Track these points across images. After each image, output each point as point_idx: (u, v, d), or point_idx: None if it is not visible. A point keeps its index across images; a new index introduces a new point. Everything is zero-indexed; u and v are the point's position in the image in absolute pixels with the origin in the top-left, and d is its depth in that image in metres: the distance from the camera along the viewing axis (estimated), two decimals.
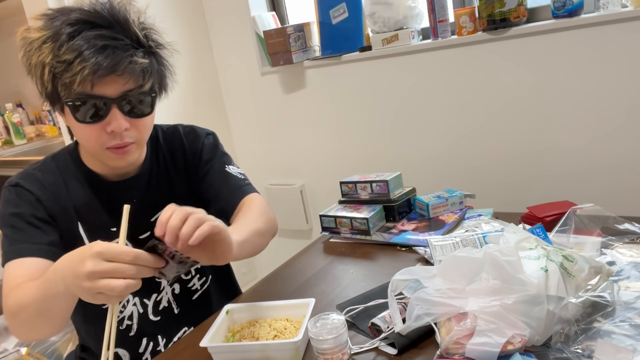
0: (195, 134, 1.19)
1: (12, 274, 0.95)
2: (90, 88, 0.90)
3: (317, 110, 2.32)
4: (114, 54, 0.90)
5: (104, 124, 0.94)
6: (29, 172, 1.06)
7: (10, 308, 0.91)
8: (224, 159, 1.20)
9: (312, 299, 0.97)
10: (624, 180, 1.70)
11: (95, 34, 0.90)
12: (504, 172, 1.91)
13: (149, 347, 1.14)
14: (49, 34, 0.90)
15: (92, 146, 0.99)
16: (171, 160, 1.16)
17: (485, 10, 1.74)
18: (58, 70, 0.89)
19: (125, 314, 1.11)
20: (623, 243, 1.04)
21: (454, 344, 0.77)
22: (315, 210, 2.45)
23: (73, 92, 0.90)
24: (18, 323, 0.91)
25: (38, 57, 0.91)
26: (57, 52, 0.89)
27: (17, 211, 1.01)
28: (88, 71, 0.88)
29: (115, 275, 0.73)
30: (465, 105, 1.92)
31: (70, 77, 0.88)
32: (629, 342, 0.76)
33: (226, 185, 1.15)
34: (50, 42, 0.90)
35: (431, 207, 1.37)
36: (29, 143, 3.26)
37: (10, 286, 0.93)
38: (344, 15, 2.12)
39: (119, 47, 0.91)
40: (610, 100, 1.66)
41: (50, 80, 0.91)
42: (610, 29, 1.59)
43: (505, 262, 0.80)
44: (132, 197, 1.10)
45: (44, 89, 0.94)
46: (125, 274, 0.74)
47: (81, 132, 0.97)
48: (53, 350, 1.94)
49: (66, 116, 0.98)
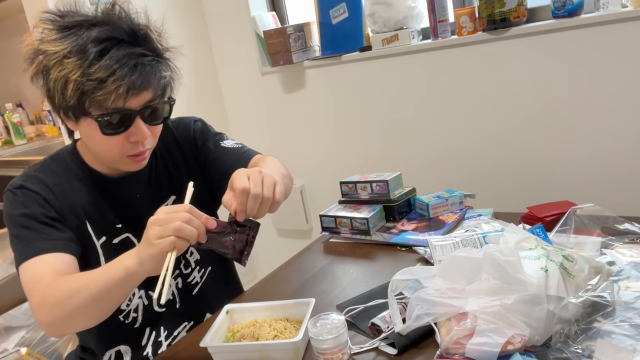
0: (184, 125, 1.22)
1: (38, 270, 0.93)
2: (123, 104, 0.93)
3: (317, 110, 2.32)
4: (144, 71, 0.93)
5: (128, 134, 0.97)
6: (31, 174, 1.05)
7: (56, 297, 0.88)
8: (217, 137, 1.22)
9: (312, 299, 0.97)
10: (624, 180, 1.70)
11: (124, 52, 0.92)
12: (504, 171, 1.91)
13: (150, 337, 1.15)
14: (71, 48, 0.91)
15: (114, 155, 1.00)
16: (168, 155, 1.18)
17: (485, 10, 1.74)
18: (88, 87, 0.90)
19: (131, 307, 1.12)
20: (623, 243, 1.04)
21: (454, 344, 0.77)
22: (315, 210, 2.45)
23: (104, 108, 0.93)
24: (63, 313, 0.88)
25: (60, 72, 0.91)
26: (87, 70, 0.90)
27: (27, 212, 1.00)
28: (123, 90, 0.90)
29: (173, 218, 0.82)
30: (465, 105, 1.92)
31: (104, 96, 0.90)
32: (629, 342, 0.76)
33: (229, 158, 1.17)
34: (75, 58, 0.90)
35: (431, 207, 1.37)
36: (29, 143, 3.26)
37: (41, 282, 0.91)
38: (344, 15, 2.12)
39: (146, 63, 0.94)
40: (611, 100, 1.66)
41: (75, 95, 0.92)
42: (610, 29, 1.59)
43: (505, 262, 0.80)
44: (135, 192, 1.12)
45: (64, 102, 0.94)
46: (184, 218, 0.82)
47: (103, 143, 0.98)
48: (53, 350, 1.94)
49: (82, 125, 0.98)
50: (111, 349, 1.13)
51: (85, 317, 0.90)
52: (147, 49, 0.96)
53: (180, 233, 0.81)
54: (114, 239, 1.09)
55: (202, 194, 1.16)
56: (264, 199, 0.87)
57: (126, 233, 1.11)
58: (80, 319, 0.90)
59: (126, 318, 1.12)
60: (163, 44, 1.01)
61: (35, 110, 3.57)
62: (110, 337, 1.13)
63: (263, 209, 0.88)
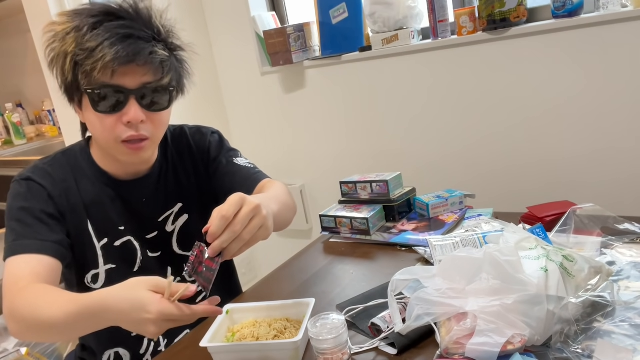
0: (201, 134, 1.21)
1: (17, 271, 0.93)
2: (110, 77, 0.92)
3: (317, 110, 2.32)
4: (135, 44, 0.92)
5: (121, 114, 0.96)
6: (40, 167, 1.05)
7: (20, 312, 0.87)
8: (231, 153, 1.21)
9: (312, 299, 0.97)
10: (624, 180, 1.70)
11: (117, 24, 0.93)
12: (504, 172, 1.91)
13: (150, 347, 1.14)
14: (73, 25, 0.93)
15: (107, 138, 0.99)
16: (179, 161, 1.18)
17: (485, 10, 1.74)
18: (80, 58, 0.91)
19: None
20: (623, 243, 1.04)
21: (454, 344, 0.77)
22: (315, 210, 2.45)
23: (93, 80, 0.92)
24: (29, 329, 0.88)
25: (61, 48, 0.94)
26: (80, 40, 0.91)
27: (26, 205, 1.00)
28: (109, 58, 0.90)
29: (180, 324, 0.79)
30: (465, 105, 1.92)
31: (92, 65, 0.91)
32: (629, 342, 0.76)
33: (238, 177, 1.16)
34: (74, 33, 0.93)
35: (431, 207, 1.37)
36: (29, 143, 3.26)
37: (16, 285, 0.90)
38: (344, 15, 2.12)
39: (140, 37, 0.94)
40: (611, 100, 1.66)
41: (71, 69, 0.93)
42: (610, 29, 1.59)
43: (505, 262, 0.80)
44: (142, 196, 1.11)
45: (64, 79, 0.96)
46: (188, 322, 0.79)
47: (98, 123, 0.97)
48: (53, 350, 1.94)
49: (83, 109, 0.99)
50: (110, 349, 1.13)
51: (49, 338, 0.93)
52: (147, 28, 0.96)
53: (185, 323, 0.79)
54: (116, 241, 1.08)
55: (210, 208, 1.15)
56: (238, 238, 0.81)
57: (128, 236, 1.10)
58: (45, 338, 0.93)
59: None
60: (173, 36, 1.02)
61: (35, 110, 3.57)
62: (110, 338, 1.12)
63: (234, 246, 0.82)
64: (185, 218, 1.16)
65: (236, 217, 0.81)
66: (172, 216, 1.15)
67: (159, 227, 1.13)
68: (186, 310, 0.77)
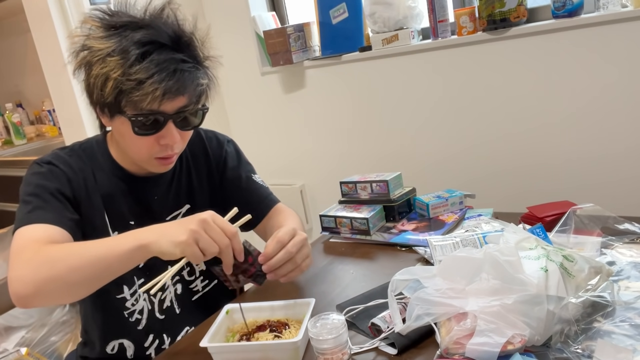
0: (218, 141, 1.24)
1: (35, 233, 0.93)
2: (158, 107, 0.95)
3: (317, 110, 2.32)
4: (182, 77, 0.95)
5: (158, 136, 0.99)
6: (61, 155, 1.08)
7: (45, 257, 0.87)
8: (249, 167, 1.26)
9: (312, 299, 0.97)
10: (624, 180, 1.70)
11: (165, 57, 0.94)
12: (504, 172, 1.91)
13: (154, 343, 1.15)
14: (115, 47, 0.93)
15: (142, 155, 1.02)
16: (193, 163, 1.20)
17: (485, 10, 1.74)
18: (127, 87, 0.92)
19: (136, 307, 1.12)
20: (623, 243, 1.03)
21: (454, 344, 0.77)
22: (315, 210, 2.45)
23: (139, 108, 0.95)
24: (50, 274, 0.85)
25: (102, 69, 0.94)
26: (128, 70, 0.92)
27: (45, 183, 1.01)
28: (159, 93, 0.92)
29: (215, 237, 0.84)
30: (465, 105, 1.92)
31: (140, 97, 0.92)
32: (629, 342, 0.76)
33: (255, 195, 1.22)
34: (118, 57, 0.92)
35: (431, 207, 1.37)
36: (29, 143, 3.26)
37: (37, 242, 0.90)
38: (344, 15, 2.12)
39: (185, 69, 0.96)
40: (611, 100, 1.66)
41: (113, 93, 0.94)
42: (610, 29, 1.59)
43: (505, 262, 0.80)
44: (154, 194, 1.14)
45: (102, 98, 0.96)
46: (222, 241, 0.85)
47: (134, 143, 1.00)
48: (53, 350, 1.94)
49: (116, 123, 1.00)
50: (114, 340, 1.14)
51: (72, 284, 0.87)
52: (189, 56, 0.98)
53: (209, 254, 0.84)
54: None
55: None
56: (292, 260, 0.96)
57: None
58: (66, 285, 0.87)
59: (130, 316, 1.12)
60: (205, 52, 1.04)
61: (35, 110, 3.57)
62: (115, 330, 1.13)
63: (286, 268, 0.97)
64: None
65: (290, 242, 0.96)
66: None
67: None
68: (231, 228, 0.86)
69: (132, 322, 1.12)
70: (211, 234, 0.84)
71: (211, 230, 0.84)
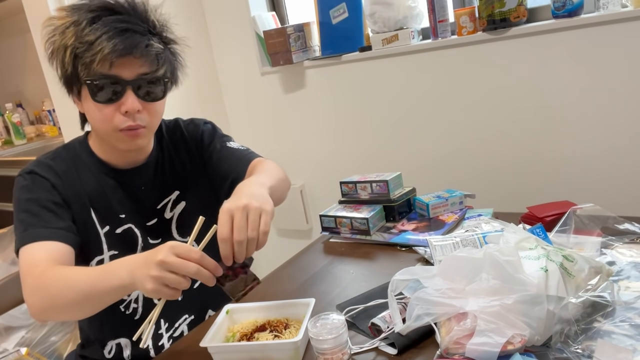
0: (194, 124, 1.25)
1: (34, 257, 0.97)
2: (109, 68, 0.97)
3: (317, 110, 2.32)
4: (132, 37, 0.97)
5: (119, 104, 1.00)
6: (42, 161, 1.10)
7: (45, 290, 0.91)
8: (224, 138, 1.26)
9: (312, 299, 0.97)
10: (624, 180, 1.70)
11: (115, 18, 0.97)
12: (504, 172, 1.91)
13: (151, 330, 1.15)
14: (72, 20, 0.97)
15: (106, 127, 1.03)
16: (175, 152, 1.21)
17: (485, 10, 1.73)
18: (80, 50, 0.96)
19: (131, 297, 1.13)
20: (623, 243, 1.04)
21: (454, 344, 0.77)
22: (315, 210, 2.45)
23: (92, 71, 0.96)
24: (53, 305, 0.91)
25: (61, 41, 0.98)
26: (80, 34, 0.96)
27: (33, 196, 1.04)
28: (108, 51, 0.94)
29: (180, 270, 0.80)
30: (465, 105, 1.92)
31: (91, 57, 0.95)
32: (629, 342, 0.76)
33: (233, 158, 1.21)
34: (73, 27, 0.97)
35: (431, 207, 1.37)
36: (29, 143, 3.26)
37: (36, 267, 0.94)
38: (344, 15, 2.12)
39: (137, 31, 0.98)
40: (611, 100, 1.66)
41: (70, 61, 0.97)
42: (610, 29, 1.59)
43: (505, 262, 0.80)
44: (141, 184, 1.15)
45: (64, 71, 1.00)
46: (189, 270, 0.81)
47: (97, 113, 1.02)
48: (53, 350, 1.94)
49: (83, 99, 1.03)
50: (112, 340, 1.14)
51: (72, 312, 0.95)
52: (140, 20, 1.01)
53: (183, 287, 0.82)
54: (117, 228, 1.12)
55: (207, 194, 1.21)
56: (249, 240, 0.87)
57: (129, 224, 1.13)
58: (68, 312, 0.94)
59: (127, 309, 1.13)
60: (167, 30, 1.06)
61: (35, 110, 3.57)
62: (111, 327, 1.14)
63: (250, 249, 0.89)
64: (183, 205, 1.20)
65: (234, 229, 0.86)
66: (170, 203, 1.18)
67: (158, 214, 1.17)
68: (194, 254, 0.81)
69: (128, 314, 1.13)
70: (175, 269, 0.80)
71: (172, 266, 0.80)
